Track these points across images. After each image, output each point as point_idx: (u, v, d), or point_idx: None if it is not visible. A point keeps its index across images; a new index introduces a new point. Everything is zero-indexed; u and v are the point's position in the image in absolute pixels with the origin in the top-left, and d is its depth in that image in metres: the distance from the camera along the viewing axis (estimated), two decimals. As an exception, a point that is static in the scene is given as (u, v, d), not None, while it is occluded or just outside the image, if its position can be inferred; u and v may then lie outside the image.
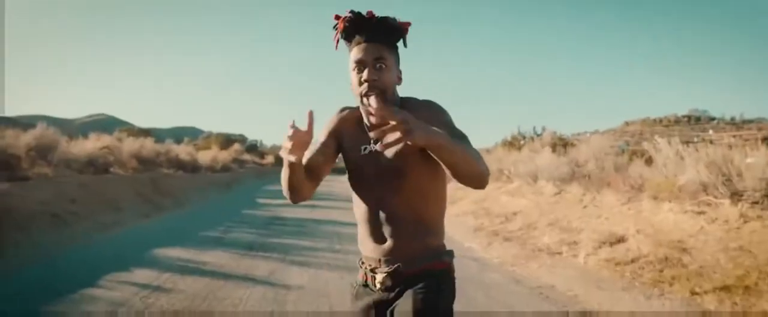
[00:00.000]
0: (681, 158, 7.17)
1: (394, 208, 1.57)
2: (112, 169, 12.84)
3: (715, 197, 6.05)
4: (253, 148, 42.37)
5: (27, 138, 10.46)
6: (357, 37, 1.53)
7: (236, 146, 33.06)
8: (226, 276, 5.15)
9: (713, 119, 74.62)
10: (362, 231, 1.65)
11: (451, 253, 1.66)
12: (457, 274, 1.67)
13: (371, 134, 1.35)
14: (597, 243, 5.97)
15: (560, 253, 6.15)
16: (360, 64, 1.52)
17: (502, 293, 4.75)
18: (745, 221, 5.32)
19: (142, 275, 5.11)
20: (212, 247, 6.72)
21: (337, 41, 1.58)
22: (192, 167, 19.35)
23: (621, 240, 5.89)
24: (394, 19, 1.55)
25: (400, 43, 1.61)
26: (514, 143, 18.12)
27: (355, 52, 1.53)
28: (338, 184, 26.23)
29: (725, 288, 4.11)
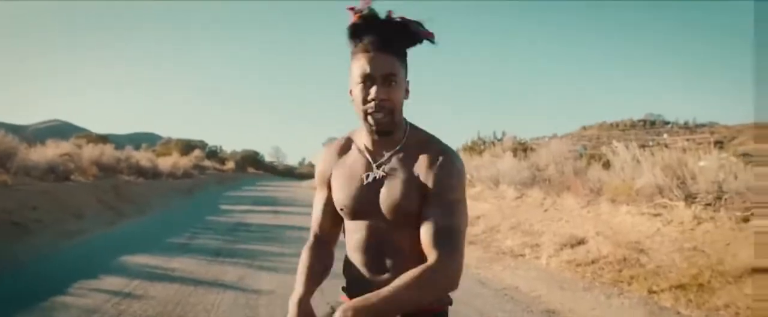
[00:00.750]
0: (638, 162, 7.51)
1: (398, 240, 1.37)
2: (72, 176, 12.53)
3: (671, 199, 6.37)
4: (213, 154, 41.81)
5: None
6: (366, 42, 1.31)
7: (197, 152, 32.61)
8: (196, 282, 5.15)
9: (668, 123, 77.38)
10: (356, 260, 1.45)
11: (448, 296, 1.47)
12: None
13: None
14: (558, 245, 6.20)
15: (523, 255, 6.36)
16: (368, 79, 1.31)
17: (468, 295, 4.89)
18: (699, 223, 5.63)
19: (111, 282, 5.06)
20: (179, 254, 6.68)
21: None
22: (153, 174, 19.02)
23: (581, 241, 6.14)
24: (418, 25, 1.34)
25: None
26: (474, 148, 18.47)
27: (361, 63, 1.31)
28: (300, 190, 26.22)
29: (681, 287, 4.36)
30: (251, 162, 49.64)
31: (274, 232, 9.12)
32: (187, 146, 36.86)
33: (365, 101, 1.32)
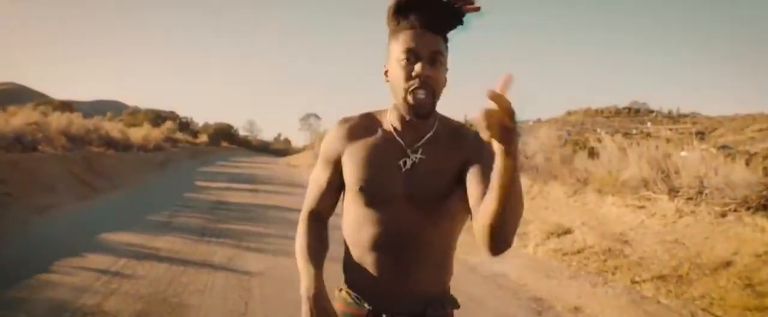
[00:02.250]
0: (625, 154, 7.85)
1: (427, 232, 1.34)
2: (40, 147, 12.45)
3: (654, 192, 6.72)
4: (185, 126, 41.46)
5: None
6: (412, 19, 1.28)
7: (168, 124, 32.30)
8: (185, 262, 5.32)
9: (652, 111, 78.74)
10: (371, 259, 1.35)
11: (454, 300, 1.47)
12: None
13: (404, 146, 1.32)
14: (545, 234, 6.51)
15: (510, 243, 6.66)
16: (412, 55, 1.26)
17: (459, 281, 5.14)
18: (680, 216, 5.98)
19: (97, 260, 5.20)
20: (162, 232, 6.83)
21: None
22: (124, 146, 18.90)
23: (567, 231, 6.45)
24: (467, 1, 1.29)
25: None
26: (461, 131, 18.75)
27: (406, 39, 1.27)
28: (278, 167, 26.31)
29: (661, 277, 4.70)
30: (225, 136, 49.35)
31: (255, 212, 9.28)
32: (157, 118, 36.49)
33: (408, 78, 1.26)
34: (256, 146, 55.78)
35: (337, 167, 1.41)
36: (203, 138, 40.91)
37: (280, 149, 53.89)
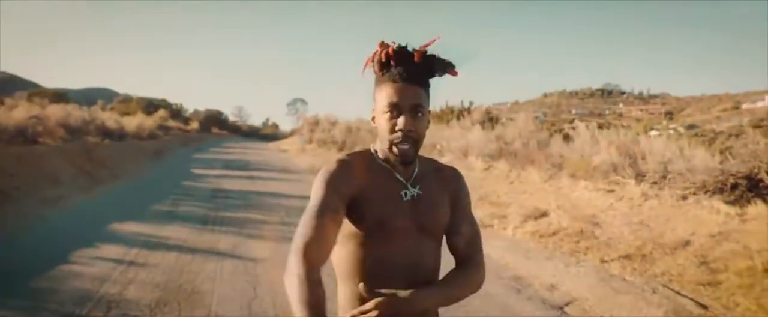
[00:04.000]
0: (596, 141, 8.18)
1: (431, 259, 1.42)
2: (40, 139, 12.51)
3: (623, 177, 7.06)
4: (177, 114, 41.24)
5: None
6: (394, 73, 1.33)
7: (161, 113, 32.17)
8: (193, 250, 5.56)
9: (624, 93, 79.82)
10: (381, 288, 1.30)
11: None
12: None
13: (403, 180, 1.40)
14: (523, 217, 6.83)
15: (492, 226, 6.97)
16: (395, 109, 1.32)
17: (442, 262, 5.48)
18: (646, 199, 6.34)
19: (111, 251, 5.42)
20: (168, 222, 7.04)
21: (366, 67, 1.40)
22: (119, 136, 18.92)
23: (544, 214, 6.78)
24: (445, 63, 1.37)
25: None
26: (443, 117, 19.05)
27: (389, 93, 1.33)
28: (269, 153, 26.43)
29: (627, 256, 5.04)
30: (215, 122, 49.17)
31: (254, 199, 9.49)
32: (149, 105, 36.29)
33: (392, 131, 1.33)
34: (246, 131, 55.57)
35: (343, 202, 1.34)
36: (194, 125, 40.83)
37: (268, 134, 53.69)
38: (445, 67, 1.38)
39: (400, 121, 1.32)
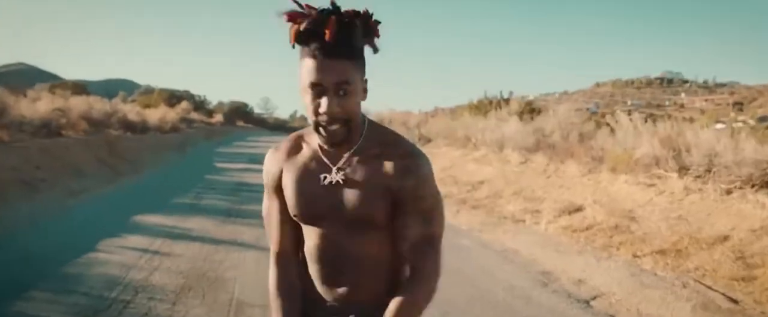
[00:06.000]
0: (639, 133, 8.31)
1: (358, 248, 1.40)
2: (63, 131, 13.26)
3: (665, 170, 7.20)
4: (200, 106, 42.40)
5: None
6: (313, 47, 1.24)
7: (184, 104, 33.18)
8: (216, 241, 6.01)
9: (686, 81, 77.92)
10: (311, 270, 1.45)
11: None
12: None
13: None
14: (557, 211, 7.06)
15: (524, 221, 7.22)
16: (317, 88, 1.25)
17: (472, 255, 5.79)
18: (688, 194, 6.48)
19: (136, 241, 5.90)
20: (191, 214, 7.53)
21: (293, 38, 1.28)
22: (141, 128, 19.72)
23: (579, 209, 6.99)
24: (365, 21, 1.28)
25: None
26: (480, 108, 19.22)
27: (309, 70, 1.25)
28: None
29: (661, 252, 5.24)
30: (240, 115, 50.33)
31: (277, 193, 9.91)
32: (171, 97, 37.39)
33: (316, 113, 1.27)
34: (273, 124, 56.60)
35: (282, 194, 1.42)
36: (218, 118, 41.91)
37: (296, 127, 54.35)
38: (367, 36, 1.31)
39: (324, 102, 1.25)
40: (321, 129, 1.30)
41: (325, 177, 1.36)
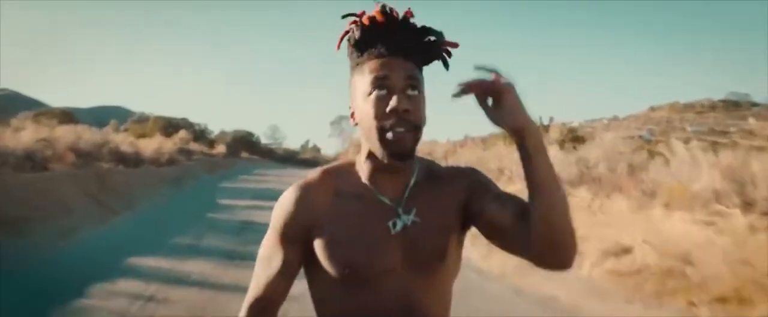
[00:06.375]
0: (697, 163, 8.32)
1: (430, 304, 1.30)
2: (50, 164, 13.61)
3: (727, 206, 7.19)
4: (201, 135, 43.05)
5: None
6: (380, 47, 1.24)
7: (182, 134, 33.75)
8: (217, 287, 6.13)
9: (755, 104, 77.03)
10: None
11: None
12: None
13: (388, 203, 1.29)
14: (602, 253, 7.06)
15: (565, 264, 7.23)
16: (383, 85, 1.21)
17: (504, 304, 5.83)
18: (753, 233, 6.45)
19: (129, 285, 6.06)
20: (190, 256, 7.69)
21: (341, 41, 1.31)
22: (135, 161, 20.11)
23: (627, 250, 6.99)
24: (440, 34, 1.28)
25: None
26: (517, 136, 19.28)
27: (373, 68, 1.23)
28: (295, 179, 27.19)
29: (721, 299, 5.23)
30: (245, 145, 50.88)
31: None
32: (168, 125, 38.10)
33: (382, 116, 1.21)
34: (281, 155, 57.06)
35: (298, 246, 1.30)
36: (220, 148, 42.44)
37: (308, 160, 54.94)
38: (441, 36, 1.29)
39: (393, 100, 1.20)
40: (388, 134, 1.21)
41: (394, 223, 1.27)
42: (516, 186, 12.75)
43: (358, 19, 1.27)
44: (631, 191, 9.06)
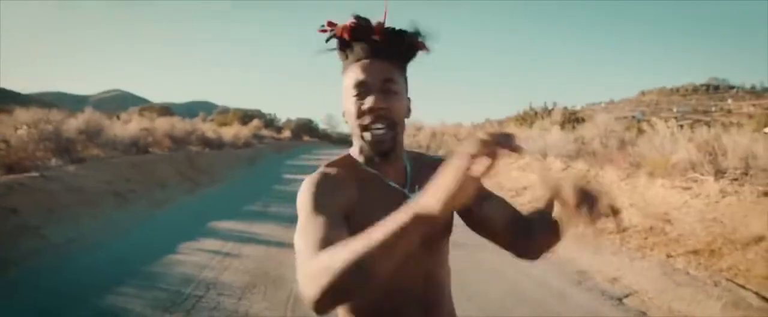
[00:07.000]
0: (675, 139, 8.05)
1: (442, 273, 1.29)
2: (150, 149, 13.97)
3: (702, 174, 6.95)
4: (270, 123, 43.56)
5: (77, 122, 11.57)
6: (358, 51, 1.19)
7: (256, 122, 34.21)
8: (280, 244, 6.21)
9: (733, 87, 74.10)
10: (393, 314, 1.22)
11: None
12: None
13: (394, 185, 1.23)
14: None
15: (564, 224, 7.11)
16: (362, 88, 1.16)
17: (506, 255, 5.75)
18: (724, 196, 6.23)
19: (209, 243, 6.18)
20: (259, 220, 7.79)
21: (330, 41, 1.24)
22: (217, 144, 20.48)
23: (616, 212, 6.83)
24: (413, 34, 1.20)
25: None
26: (526, 119, 18.99)
27: (354, 72, 1.18)
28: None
29: (694, 252, 5.08)
30: (306, 130, 51.27)
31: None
32: (244, 116, 38.64)
33: (361, 114, 1.16)
34: (336, 139, 57.27)
35: (343, 207, 1.14)
36: (286, 134, 42.90)
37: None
38: (413, 36, 1.21)
39: (369, 99, 1.15)
40: (365, 133, 1.17)
41: (406, 197, 1.19)
42: (525, 160, 12.58)
43: (334, 32, 1.20)
44: (620, 163, 8.83)
